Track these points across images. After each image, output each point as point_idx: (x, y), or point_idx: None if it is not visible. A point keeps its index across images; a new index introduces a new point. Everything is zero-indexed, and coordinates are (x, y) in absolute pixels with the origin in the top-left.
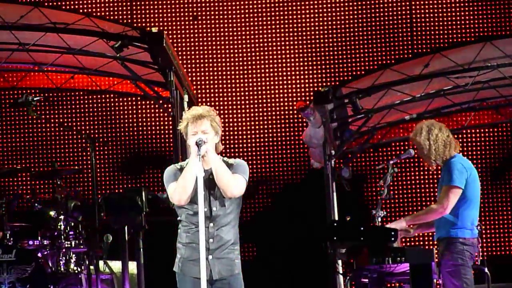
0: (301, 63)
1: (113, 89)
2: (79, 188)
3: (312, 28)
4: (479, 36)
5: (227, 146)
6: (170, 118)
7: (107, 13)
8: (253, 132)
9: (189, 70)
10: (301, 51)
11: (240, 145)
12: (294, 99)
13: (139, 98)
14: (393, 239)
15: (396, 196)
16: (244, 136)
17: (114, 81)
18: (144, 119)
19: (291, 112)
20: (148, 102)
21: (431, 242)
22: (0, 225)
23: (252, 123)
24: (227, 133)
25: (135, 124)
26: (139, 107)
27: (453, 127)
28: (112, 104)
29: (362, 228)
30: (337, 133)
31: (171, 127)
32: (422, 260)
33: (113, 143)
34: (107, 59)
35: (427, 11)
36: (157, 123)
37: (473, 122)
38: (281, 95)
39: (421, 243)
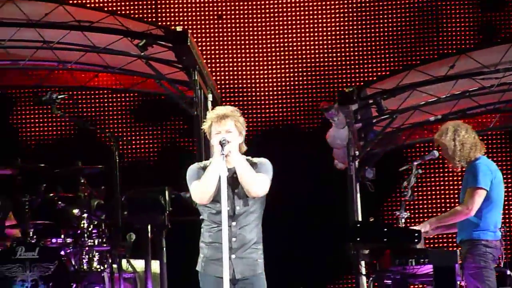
0: (326, 63)
1: (136, 88)
2: (102, 187)
3: (337, 28)
4: (505, 37)
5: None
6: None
7: (132, 12)
8: (276, 132)
9: (213, 69)
10: (325, 51)
11: (264, 146)
12: (318, 99)
13: (163, 97)
14: (416, 240)
15: (420, 197)
16: (268, 137)
17: (138, 80)
18: (167, 119)
19: (315, 112)
20: (172, 101)
21: (454, 244)
22: (23, 223)
23: (276, 123)
24: (250, 133)
25: (158, 123)
26: (163, 106)
27: (478, 128)
28: (136, 103)
29: (385, 230)
30: (361, 134)
31: (194, 127)
32: (446, 262)
33: (137, 142)
34: (131, 58)
35: (453, 11)
36: (181, 122)
37: (498, 124)
38: (305, 96)
39: (444, 244)
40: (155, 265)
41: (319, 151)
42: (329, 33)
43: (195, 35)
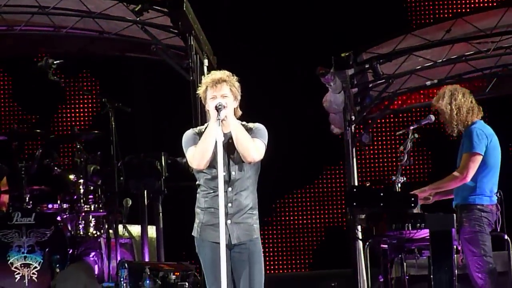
0: (322, 27)
1: (132, 53)
2: (98, 152)
3: None
4: (501, 1)
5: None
6: (189, 83)
7: None
8: (272, 97)
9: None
10: (321, 14)
11: (258, 112)
12: (314, 64)
13: (158, 63)
14: (413, 205)
15: (416, 162)
16: (263, 101)
17: (133, 45)
18: (163, 84)
19: (311, 76)
20: (167, 66)
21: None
22: (20, 188)
23: (271, 87)
24: (245, 97)
25: (153, 89)
26: (159, 71)
27: (474, 93)
28: (131, 68)
29: (381, 194)
30: (357, 98)
31: (190, 92)
32: (442, 226)
33: (132, 107)
34: (127, 23)
35: None
36: (176, 87)
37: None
38: (300, 59)
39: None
40: (152, 231)
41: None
42: None
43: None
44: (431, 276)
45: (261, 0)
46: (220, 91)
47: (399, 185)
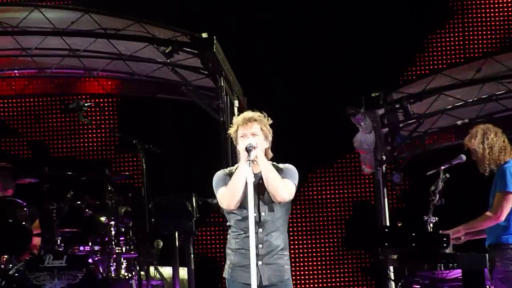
0: (352, 68)
1: (162, 94)
2: (129, 194)
3: (365, 31)
4: None
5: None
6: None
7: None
8: (304, 138)
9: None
10: (351, 55)
11: (290, 152)
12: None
13: (189, 104)
14: (445, 245)
15: (448, 201)
16: (293, 141)
17: (164, 86)
18: (194, 125)
19: (341, 116)
20: (198, 107)
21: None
22: (51, 231)
23: (303, 129)
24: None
25: (184, 130)
26: (189, 112)
27: (506, 132)
28: (162, 110)
29: (413, 234)
30: (388, 138)
31: (220, 132)
32: (475, 266)
33: (164, 149)
34: (157, 65)
35: (479, 15)
36: (207, 128)
37: None
38: (332, 100)
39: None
40: (183, 272)
41: (347, 156)
42: (356, 36)
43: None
44: None
45: (291, 41)
46: (250, 129)
47: (431, 225)
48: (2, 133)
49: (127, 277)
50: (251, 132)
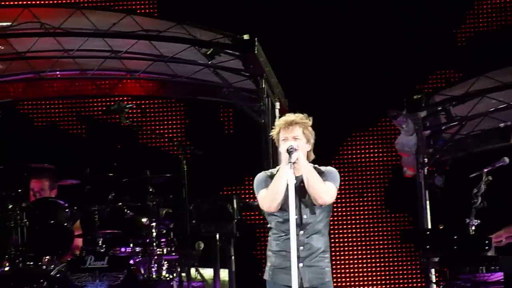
0: (394, 70)
1: (204, 96)
2: (170, 196)
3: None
4: None
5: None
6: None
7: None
8: (345, 140)
9: (281, 78)
10: (393, 56)
11: (332, 153)
12: (386, 107)
13: (230, 105)
14: (487, 247)
15: (490, 204)
16: (336, 144)
17: (205, 88)
18: (235, 127)
19: (384, 119)
20: (239, 109)
21: None
22: (92, 232)
23: (345, 131)
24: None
25: (226, 131)
26: (231, 114)
27: None
28: (203, 112)
29: (455, 237)
30: (430, 141)
31: (262, 135)
32: None
33: (205, 151)
34: (198, 67)
35: None
36: (248, 130)
37: None
38: (374, 103)
39: None
40: (224, 274)
41: (388, 158)
42: (399, 38)
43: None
44: None
45: (333, 43)
46: (292, 133)
47: (473, 227)
48: (47, 134)
49: (168, 278)
50: (293, 136)
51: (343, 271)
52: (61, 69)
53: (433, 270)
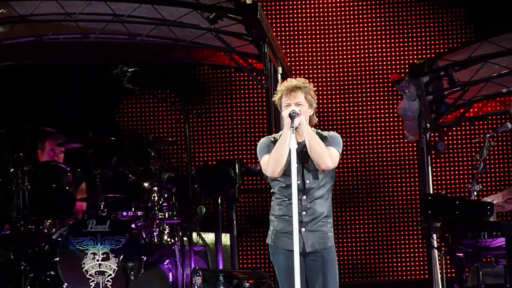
0: (397, 35)
1: (207, 61)
2: (173, 160)
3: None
4: None
5: (321, 118)
6: (264, 90)
7: None
8: (347, 104)
9: (283, 42)
10: (397, 22)
11: (334, 118)
12: (389, 71)
13: (233, 70)
14: (489, 213)
15: (492, 170)
16: (338, 109)
17: (208, 52)
18: (238, 91)
19: (386, 84)
20: (242, 74)
21: None
22: (94, 196)
23: (347, 95)
24: (320, 106)
25: (228, 96)
26: (233, 79)
27: None
28: (206, 76)
29: (457, 202)
30: (432, 106)
31: (264, 99)
32: None
33: (207, 115)
34: (201, 31)
35: None
36: (251, 95)
37: None
38: (376, 68)
39: None
40: (226, 238)
41: (390, 123)
42: (399, 4)
43: (264, 7)
44: (508, 285)
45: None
46: (294, 99)
47: (475, 193)
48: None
49: (169, 242)
50: (295, 102)
51: (345, 235)
52: (63, 33)
53: (434, 236)
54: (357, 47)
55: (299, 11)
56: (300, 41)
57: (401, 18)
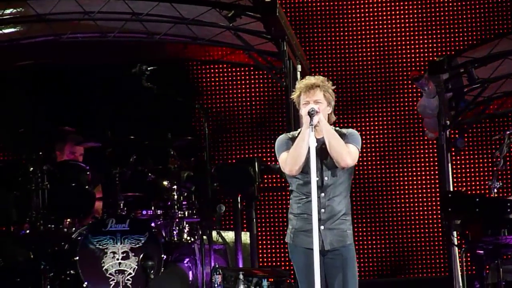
0: (416, 32)
1: (226, 59)
2: (192, 158)
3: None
4: None
5: (340, 116)
6: (283, 88)
7: None
8: (366, 102)
9: (302, 40)
10: (416, 19)
11: (354, 116)
12: (409, 68)
13: (252, 68)
14: (509, 210)
15: None
16: (358, 107)
17: (227, 51)
18: (256, 89)
19: (405, 81)
20: (261, 72)
21: None
22: (114, 195)
23: (366, 93)
24: (340, 104)
25: (247, 94)
26: (252, 77)
27: None
28: (225, 74)
29: (477, 200)
30: (452, 103)
31: (283, 97)
32: None
33: (226, 113)
34: (220, 29)
35: None
36: (270, 93)
37: None
38: (396, 65)
39: None
40: (245, 237)
41: (410, 120)
42: (419, 1)
43: (284, 5)
44: None
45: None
46: (313, 97)
47: (495, 190)
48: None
49: (189, 241)
50: (314, 100)
51: (365, 233)
52: (82, 32)
53: (455, 233)
54: (376, 45)
55: (318, 8)
56: (320, 38)
57: (420, 16)
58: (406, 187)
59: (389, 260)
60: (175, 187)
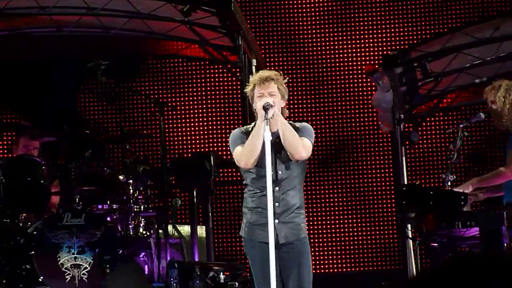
0: (371, 26)
1: (181, 53)
2: (148, 153)
3: None
4: None
5: (295, 111)
6: (239, 83)
7: None
8: (321, 96)
9: (258, 34)
10: (371, 14)
11: (308, 110)
12: (363, 63)
13: (207, 63)
14: (463, 203)
15: (466, 160)
16: (312, 101)
17: (182, 45)
18: (212, 84)
19: (360, 75)
20: (216, 66)
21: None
22: (70, 189)
23: (320, 87)
24: (294, 98)
25: (203, 89)
26: (207, 71)
27: None
28: (180, 69)
29: (431, 192)
30: (406, 97)
31: (239, 91)
32: (492, 225)
33: (181, 108)
34: (175, 23)
35: None
36: (225, 87)
37: None
38: (350, 59)
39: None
40: (201, 231)
41: (364, 114)
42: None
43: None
44: None
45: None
46: (268, 89)
47: (449, 183)
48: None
49: (145, 235)
50: (269, 92)
51: (318, 227)
52: (37, 26)
53: (409, 226)
54: (331, 39)
55: (273, 2)
56: (275, 33)
57: (374, 10)
58: (361, 181)
59: (344, 253)
60: (131, 181)
